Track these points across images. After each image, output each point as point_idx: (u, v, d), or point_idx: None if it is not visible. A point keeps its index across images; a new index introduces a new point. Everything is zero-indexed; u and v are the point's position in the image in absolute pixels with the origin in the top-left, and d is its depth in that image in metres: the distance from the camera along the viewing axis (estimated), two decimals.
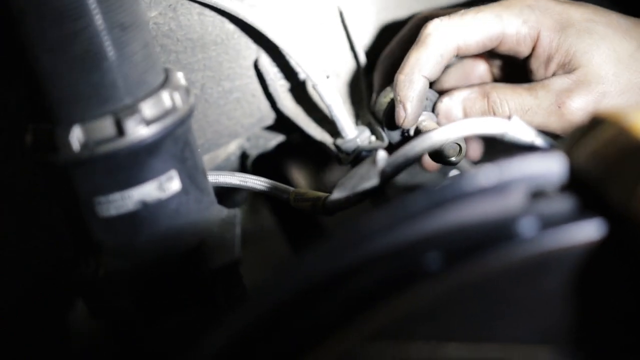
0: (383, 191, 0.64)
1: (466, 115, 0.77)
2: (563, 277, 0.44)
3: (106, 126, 0.59)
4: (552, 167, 0.47)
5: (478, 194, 0.46)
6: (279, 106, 0.87)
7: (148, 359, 0.60)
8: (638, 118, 0.44)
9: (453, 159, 0.80)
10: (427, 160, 0.91)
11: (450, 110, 0.79)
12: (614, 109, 0.46)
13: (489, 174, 0.46)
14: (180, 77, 0.65)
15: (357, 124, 0.87)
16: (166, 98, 0.61)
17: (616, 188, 0.43)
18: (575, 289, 0.44)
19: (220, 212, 0.67)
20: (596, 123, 0.46)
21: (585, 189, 0.46)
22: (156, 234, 0.62)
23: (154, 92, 0.61)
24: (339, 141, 0.84)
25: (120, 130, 0.59)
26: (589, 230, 0.44)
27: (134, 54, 0.60)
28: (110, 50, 0.58)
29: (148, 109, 0.60)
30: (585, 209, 0.45)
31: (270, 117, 0.90)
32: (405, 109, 0.76)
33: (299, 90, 0.87)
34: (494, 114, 0.75)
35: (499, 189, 0.46)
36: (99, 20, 0.57)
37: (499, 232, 0.44)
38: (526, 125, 0.59)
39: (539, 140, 0.58)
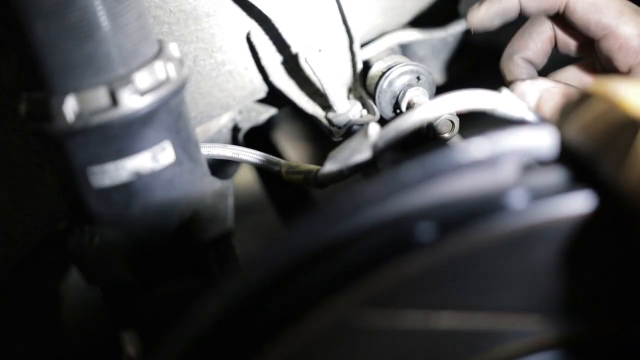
0: (375, 164, 0.64)
1: (538, 106, 0.76)
2: (553, 248, 0.45)
3: (100, 96, 0.59)
4: (542, 140, 0.48)
5: (470, 166, 0.46)
6: (271, 79, 0.87)
7: (142, 326, 0.61)
8: (627, 92, 0.45)
9: (446, 135, 0.81)
10: None
11: (524, 93, 0.76)
12: (604, 82, 0.46)
13: (481, 146, 0.47)
14: (174, 48, 0.65)
15: (348, 97, 0.87)
16: (160, 69, 0.61)
17: (606, 162, 0.44)
18: (565, 261, 0.45)
19: (213, 183, 0.68)
20: (586, 97, 0.47)
21: (576, 163, 0.46)
22: (150, 204, 0.63)
23: (147, 62, 0.61)
24: (330, 115, 0.85)
25: (114, 101, 0.59)
26: (579, 203, 0.45)
27: (127, 24, 0.60)
28: (104, 20, 0.58)
29: (142, 79, 0.60)
30: (576, 182, 0.45)
31: (262, 90, 0.90)
32: (480, 5, 0.76)
33: (291, 63, 0.87)
34: None
35: (491, 161, 0.46)
36: None
37: (490, 204, 0.45)
38: (517, 98, 0.60)
39: (530, 115, 0.59)
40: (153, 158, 0.62)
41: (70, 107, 0.59)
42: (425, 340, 0.45)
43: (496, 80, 0.79)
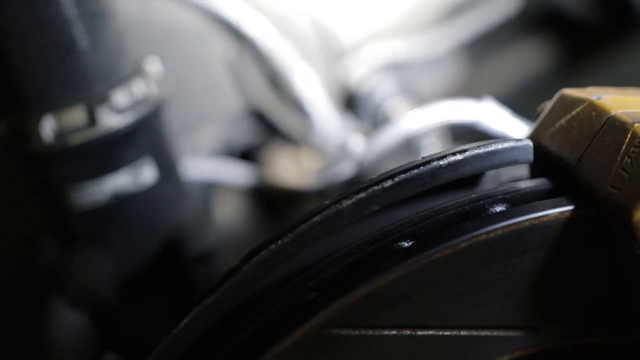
0: (360, 181, 0.64)
1: None
2: (533, 255, 0.44)
3: (78, 115, 0.59)
4: (521, 147, 0.47)
5: (448, 175, 0.46)
6: (253, 98, 0.87)
7: (125, 347, 0.60)
8: (603, 98, 0.44)
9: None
10: None
11: None
12: (580, 89, 0.46)
13: (460, 155, 0.46)
14: (154, 65, 0.64)
15: (332, 113, 0.87)
16: (138, 87, 0.61)
17: (583, 167, 0.44)
18: (545, 267, 0.44)
19: (195, 202, 0.67)
20: (563, 103, 0.46)
21: (554, 168, 0.46)
22: (131, 223, 0.62)
23: (125, 80, 0.61)
24: (313, 131, 0.84)
25: (92, 120, 0.58)
26: (557, 209, 0.44)
27: (105, 42, 0.59)
28: (81, 39, 0.58)
29: (120, 97, 0.60)
30: (554, 188, 0.45)
31: (245, 109, 0.89)
32: None
33: (272, 81, 0.87)
34: None
35: (470, 170, 0.46)
36: (69, 8, 0.57)
37: (470, 213, 0.45)
38: (498, 107, 0.60)
39: (511, 123, 0.59)
40: (133, 177, 0.61)
41: (48, 126, 0.58)
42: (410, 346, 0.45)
43: None
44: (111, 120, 0.59)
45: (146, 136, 0.62)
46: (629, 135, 0.41)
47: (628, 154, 0.41)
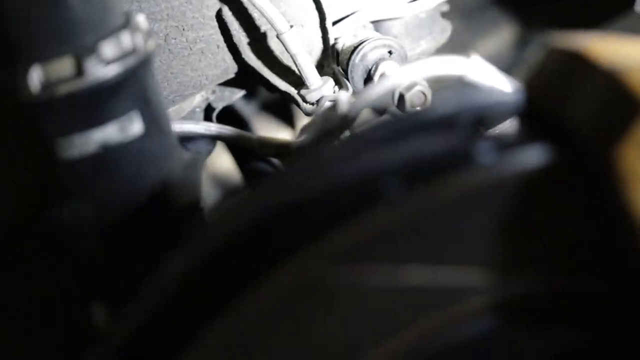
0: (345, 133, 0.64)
1: None
2: (518, 200, 0.45)
3: (65, 66, 0.58)
4: (509, 96, 0.48)
5: (435, 123, 0.46)
6: (244, 57, 0.86)
7: (113, 298, 0.60)
8: (590, 46, 0.45)
9: (418, 108, 0.80)
10: None
11: None
12: (568, 37, 0.46)
13: (447, 103, 0.47)
14: (141, 19, 0.64)
15: (321, 74, 0.87)
16: (126, 39, 0.61)
17: (568, 114, 0.44)
18: (530, 213, 0.45)
19: (182, 155, 0.67)
20: (551, 52, 0.47)
21: (542, 117, 0.46)
22: (119, 175, 0.62)
23: (114, 32, 0.61)
24: (303, 91, 0.84)
25: (80, 70, 0.58)
26: (545, 154, 0.45)
27: None
28: None
29: (108, 48, 0.59)
30: (541, 135, 0.45)
31: (234, 69, 0.89)
32: None
33: (262, 41, 0.87)
34: None
35: (457, 118, 0.46)
36: None
37: (456, 159, 0.45)
38: (486, 63, 0.60)
39: (499, 78, 0.59)
40: (121, 129, 0.61)
41: (35, 77, 0.58)
42: (390, 298, 0.45)
43: None
44: (99, 71, 0.59)
45: (134, 88, 0.62)
46: (609, 81, 0.41)
47: (607, 98, 0.41)
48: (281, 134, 1.15)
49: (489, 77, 0.61)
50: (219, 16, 0.85)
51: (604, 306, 0.49)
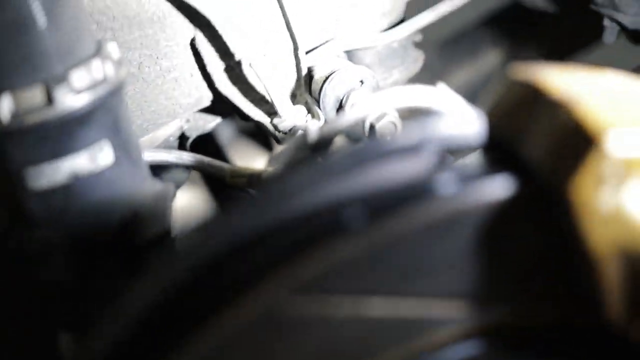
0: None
1: None
2: (479, 232, 0.46)
3: (35, 95, 0.59)
4: (470, 127, 0.48)
5: (399, 153, 0.47)
6: (217, 86, 0.87)
7: (79, 326, 0.60)
8: (548, 78, 0.46)
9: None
10: None
11: None
12: (526, 68, 0.47)
13: (410, 134, 0.47)
14: (112, 48, 0.65)
15: (294, 103, 0.88)
16: (97, 68, 0.61)
17: (527, 146, 0.45)
18: (491, 244, 0.45)
19: (153, 185, 0.67)
20: (509, 84, 0.48)
21: (502, 148, 0.47)
22: (88, 205, 0.63)
23: (85, 61, 0.61)
24: (276, 120, 0.85)
25: (50, 99, 0.59)
26: (505, 185, 0.45)
27: (64, 22, 0.60)
28: (40, 18, 0.58)
29: (78, 78, 0.60)
30: (501, 166, 0.46)
31: (208, 98, 0.90)
32: None
33: (236, 69, 0.87)
34: None
35: (419, 148, 0.47)
36: None
37: (418, 189, 0.46)
38: (453, 93, 0.61)
39: (465, 108, 0.60)
40: (91, 159, 0.62)
41: (5, 106, 0.58)
42: (353, 329, 0.46)
43: None
44: (69, 100, 0.59)
45: (105, 117, 0.62)
46: (563, 114, 0.42)
47: (563, 133, 0.42)
48: (259, 160, 1.16)
49: (455, 108, 0.62)
50: (192, 44, 0.86)
51: (570, 334, 0.49)
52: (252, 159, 1.12)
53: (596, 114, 0.41)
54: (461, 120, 0.48)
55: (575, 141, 0.41)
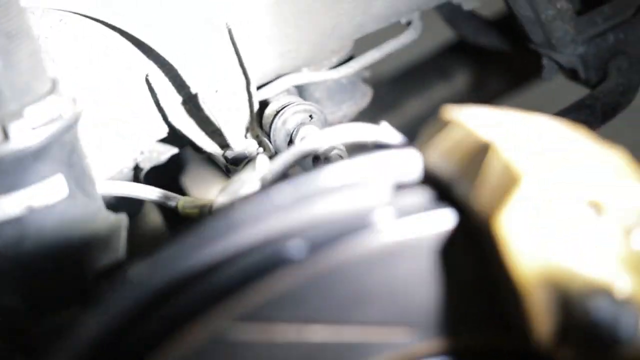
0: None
1: None
2: (417, 262, 0.48)
3: None
4: (408, 163, 0.52)
5: (339, 186, 0.50)
6: (171, 119, 0.89)
7: (32, 356, 0.62)
8: (479, 120, 0.49)
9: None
10: None
11: None
12: (459, 109, 0.50)
13: (351, 167, 0.50)
14: (68, 84, 0.67)
15: (246, 136, 0.90)
16: (52, 105, 0.63)
17: (460, 184, 0.48)
18: (429, 274, 0.48)
19: (107, 217, 0.69)
20: (445, 124, 0.51)
21: (437, 184, 0.50)
22: (43, 237, 0.64)
23: (40, 99, 0.63)
24: (228, 153, 0.88)
25: (5, 135, 0.60)
26: (440, 221, 0.48)
27: (20, 62, 0.62)
28: None
29: (33, 114, 0.62)
30: (437, 202, 0.49)
31: (162, 130, 0.92)
32: None
33: (189, 103, 0.90)
34: None
35: (359, 182, 0.50)
36: None
37: (357, 222, 0.48)
38: (394, 130, 0.64)
39: (405, 146, 0.63)
40: (45, 192, 0.63)
41: None
42: (299, 352, 0.48)
43: None
44: (24, 136, 0.61)
45: (59, 152, 0.64)
46: (487, 151, 0.46)
47: (488, 168, 0.45)
48: (216, 189, 1.18)
49: (395, 144, 0.65)
50: (146, 80, 0.88)
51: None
52: (208, 188, 1.14)
53: (518, 157, 0.45)
54: (400, 156, 0.51)
55: (499, 182, 0.44)
